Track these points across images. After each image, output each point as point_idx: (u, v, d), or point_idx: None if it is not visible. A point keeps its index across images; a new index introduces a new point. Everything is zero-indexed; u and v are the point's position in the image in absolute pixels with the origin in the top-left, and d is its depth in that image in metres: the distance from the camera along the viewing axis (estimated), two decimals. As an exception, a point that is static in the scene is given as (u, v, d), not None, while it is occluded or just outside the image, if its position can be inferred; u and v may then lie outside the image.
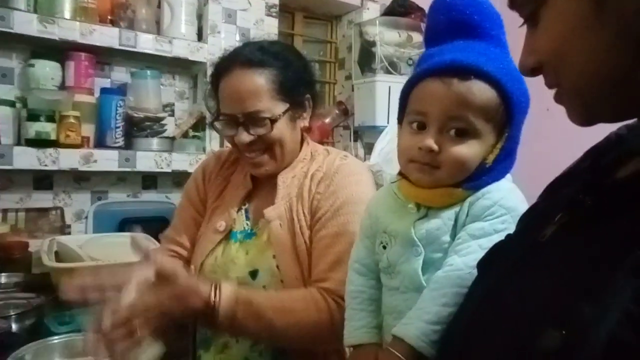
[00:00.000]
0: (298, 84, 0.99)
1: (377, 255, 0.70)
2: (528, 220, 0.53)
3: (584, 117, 0.43)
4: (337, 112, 2.15)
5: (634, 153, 0.42)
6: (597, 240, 0.38)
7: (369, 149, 2.11)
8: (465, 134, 0.62)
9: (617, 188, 0.41)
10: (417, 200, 0.66)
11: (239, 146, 0.98)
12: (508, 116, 0.62)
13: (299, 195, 0.98)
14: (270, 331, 0.84)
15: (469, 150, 0.62)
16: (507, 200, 0.61)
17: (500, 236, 0.58)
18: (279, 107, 0.96)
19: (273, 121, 0.94)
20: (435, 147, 0.62)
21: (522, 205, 0.63)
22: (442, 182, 0.63)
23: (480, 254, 0.57)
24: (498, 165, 0.63)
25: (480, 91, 0.60)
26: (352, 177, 0.97)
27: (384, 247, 0.68)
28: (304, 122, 1.03)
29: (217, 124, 1.00)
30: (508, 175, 0.66)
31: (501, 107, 0.61)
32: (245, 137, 0.95)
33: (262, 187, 1.06)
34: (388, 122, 2.02)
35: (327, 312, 0.86)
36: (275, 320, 0.84)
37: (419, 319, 0.58)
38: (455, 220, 0.63)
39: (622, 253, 0.34)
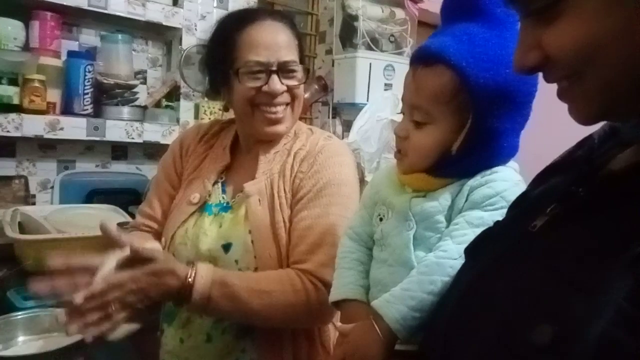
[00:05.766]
0: (304, 54, 1.02)
1: (374, 226, 0.71)
2: (518, 209, 0.52)
3: (592, 115, 0.39)
4: (316, 87, 2.10)
5: (627, 144, 0.42)
6: (589, 234, 0.37)
7: (347, 126, 2.09)
8: (424, 121, 0.63)
9: (611, 181, 0.40)
10: (403, 182, 0.67)
11: (264, 98, 0.95)
12: (471, 101, 0.59)
13: (281, 172, 0.96)
14: (245, 312, 0.84)
15: (427, 137, 0.62)
16: (511, 194, 0.59)
17: None
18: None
19: (303, 73, 0.97)
20: (400, 133, 0.64)
21: None
22: (411, 168, 0.65)
23: None
24: (468, 157, 0.61)
25: (437, 75, 0.60)
26: (336, 158, 0.96)
27: (381, 220, 0.69)
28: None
29: (242, 71, 0.95)
30: (515, 165, 0.65)
31: (461, 92, 0.59)
32: (280, 85, 0.94)
33: (242, 161, 1.04)
34: (368, 100, 1.99)
35: (304, 293, 0.85)
36: (250, 301, 0.83)
37: (402, 302, 0.57)
38: (452, 202, 0.62)
39: (615, 248, 0.33)
